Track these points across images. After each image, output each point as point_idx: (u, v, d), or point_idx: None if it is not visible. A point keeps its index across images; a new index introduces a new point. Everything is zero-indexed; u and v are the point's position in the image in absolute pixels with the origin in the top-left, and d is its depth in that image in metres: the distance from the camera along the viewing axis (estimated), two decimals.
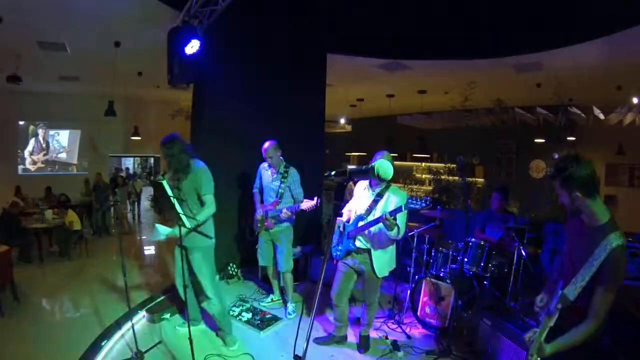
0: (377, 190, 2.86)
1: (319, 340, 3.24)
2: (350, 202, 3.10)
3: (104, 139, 10.08)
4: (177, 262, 3.02)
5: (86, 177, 9.69)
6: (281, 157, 3.64)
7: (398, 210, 2.56)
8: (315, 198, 3.44)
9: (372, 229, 2.81)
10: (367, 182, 2.96)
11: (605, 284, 1.54)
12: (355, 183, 3.36)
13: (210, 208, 2.92)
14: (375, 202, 2.84)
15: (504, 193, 4.43)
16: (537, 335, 1.59)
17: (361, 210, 2.91)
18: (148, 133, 10.08)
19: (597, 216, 1.63)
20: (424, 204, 2.45)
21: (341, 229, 3.04)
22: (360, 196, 2.98)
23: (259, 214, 3.74)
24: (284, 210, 3.49)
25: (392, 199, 2.78)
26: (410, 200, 2.50)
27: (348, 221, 3.01)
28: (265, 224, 3.67)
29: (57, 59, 6.02)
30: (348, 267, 3.01)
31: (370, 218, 2.81)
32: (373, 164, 1.88)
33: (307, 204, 3.39)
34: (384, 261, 2.91)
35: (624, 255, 1.55)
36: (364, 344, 3.15)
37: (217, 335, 3.27)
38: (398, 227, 2.64)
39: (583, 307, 1.58)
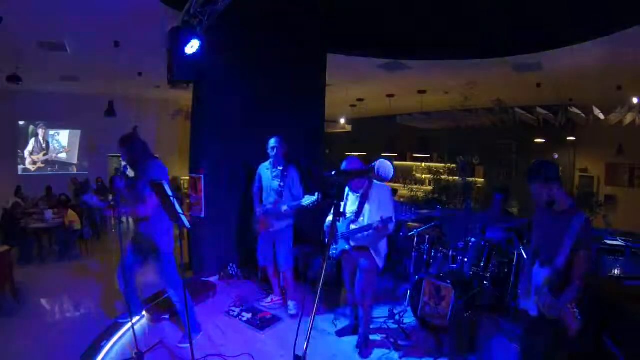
0: (361, 191, 2.94)
1: (341, 333, 3.34)
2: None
3: (104, 139, 10.07)
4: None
5: (86, 177, 9.69)
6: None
7: (388, 220, 2.65)
8: (317, 193, 3.41)
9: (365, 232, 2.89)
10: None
11: (583, 246, 1.98)
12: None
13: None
14: (361, 203, 2.93)
15: (505, 194, 4.43)
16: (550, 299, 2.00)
17: (349, 213, 2.99)
18: (148, 133, 10.06)
19: (566, 200, 2.12)
20: (413, 217, 2.58)
21: (328, 229, 3.07)
22: (348, 199, 3.05)
23: (259, 214, 3.74)
24: (284, 207, 3.50)
25: (376, 197, 2.87)
26: (404, 210, 2.61)
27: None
28: (266, 223, 3.67)
29: (57, 59, 6.02)
30: (349, 263, 3.13)
31: (360, 219, 2.92)
32: (374, 163, 1.88)
33: (308, 200, 3.37)
34: (381, 253, 3.00)
35: (591, 224, 2.08)
36: (363, 344, 3.12)
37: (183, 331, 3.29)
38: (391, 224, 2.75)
39: (568, 273, 2.01)
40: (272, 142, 3.63)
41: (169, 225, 2.97)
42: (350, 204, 3.03)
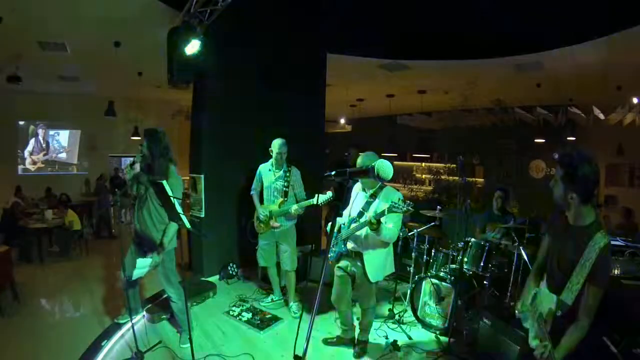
0: (370, 192, 2.81)
1: (327, 341, 3.24)
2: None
3: (104, 139, 10.07)
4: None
5: (86, 177, 9.69)
6: None
7: (381, 214, 2.46)
8: (329, 192, 3.39)
9: (362, 232, 2.75)
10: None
11: (597, 282, 1.59)
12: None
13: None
14: (368, 204, 2.78)
15: (505, 193, 4.44)
16: (550, 348, 1.58)
17: (354, 213, 2.86)
18: None
19: (583, 216, 1.66)
20: (405, 208, 2.33)
21: (337, 231, 2.99)
22: (356, 198, 2.94)
23: (262, 215, 3.72)
24: (294, 207, 3.49)
25: (384, 199, 2.69)
26: (393, 203, 2.37)
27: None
28: (271, 224, 3.66)
29: (57, 59, 6.02)
30: (342, 270, 2.97)
31: (362, 221, 2.74)
32: (373, 163, 1.87)
33: (321, 198, 3.28)
34: (376, 265, 2.81)
35: (610, 253, 1.61)
36: (360, 349, 3.07)
37: (177, 331, 3.29)
38: (385, 230, 2.56)
39: (576, 307, 1.63)
40: (280, 143, 3.59)
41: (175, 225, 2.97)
42: (357, 203, 2.90)
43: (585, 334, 1.60)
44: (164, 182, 2.56)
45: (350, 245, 2.87)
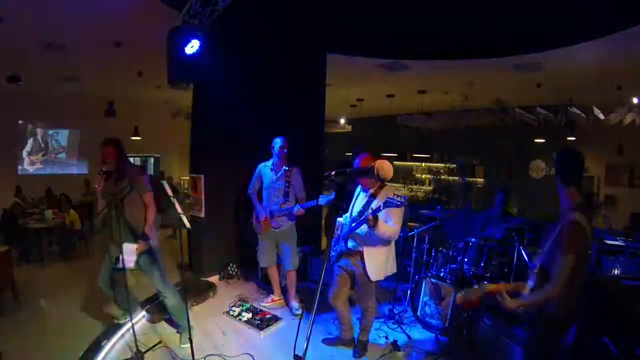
0: (371, 191, 2.82)
1: (326, 341, 3.24)
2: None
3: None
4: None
5: (86, 177, 9.67)
6: None
7: (377, 209, 2.51)
8: (332, 192, 3.39)
9: (362, 230, 2.76)
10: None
11: (561, 249, 1.77)
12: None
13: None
14: (368, 203, 2.79)
15: (507, 193, 4.44)
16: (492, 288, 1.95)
17: (355, 212, 2.88)
18: (148, 133, 10.07)
19: (565, 200, 1.92)
20: (400, 202, 2.39)
21: (338, 231, 3.02)
22: (357, 198, 2.96)
23: (262, 215, 3.71)
24: (297, 207, 3.49)
25: (385, 198, 2.68)
26: (388, 198, 2.42)
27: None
28: (272, 224, 3.66)
29: (57, 59, 6.02)
30: (341, 269, 2.98)
31: (362, 219, 2.75)
32: (373, 164, 1.87)
33: (324, 199, 3.28)
34: (377, 264, 2.82)
35: (579, 229, 1.78)
36: (360, 349, 3.07)
37: (177, 331, 3.27)
38: (383, 227, 2.58)
39: (544, 275, 1.85)
40: (280, 142, 3.60)
41: (155, 225, 3.05)
42: (358, 203, 2.92)
43: (545, 300, 1.80)
44: (163, 182, 2.57)
45: (350, 243, 2.88)
